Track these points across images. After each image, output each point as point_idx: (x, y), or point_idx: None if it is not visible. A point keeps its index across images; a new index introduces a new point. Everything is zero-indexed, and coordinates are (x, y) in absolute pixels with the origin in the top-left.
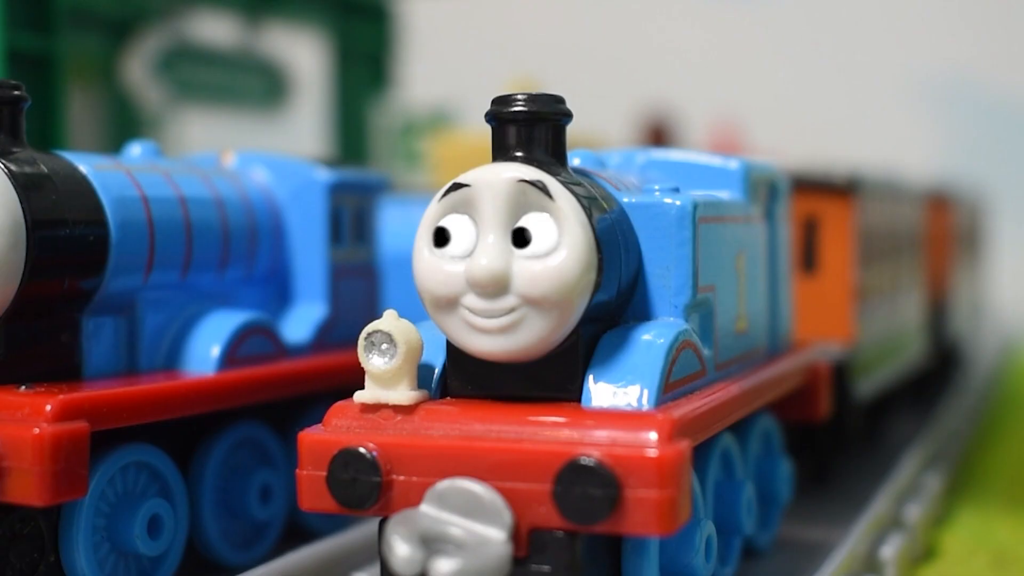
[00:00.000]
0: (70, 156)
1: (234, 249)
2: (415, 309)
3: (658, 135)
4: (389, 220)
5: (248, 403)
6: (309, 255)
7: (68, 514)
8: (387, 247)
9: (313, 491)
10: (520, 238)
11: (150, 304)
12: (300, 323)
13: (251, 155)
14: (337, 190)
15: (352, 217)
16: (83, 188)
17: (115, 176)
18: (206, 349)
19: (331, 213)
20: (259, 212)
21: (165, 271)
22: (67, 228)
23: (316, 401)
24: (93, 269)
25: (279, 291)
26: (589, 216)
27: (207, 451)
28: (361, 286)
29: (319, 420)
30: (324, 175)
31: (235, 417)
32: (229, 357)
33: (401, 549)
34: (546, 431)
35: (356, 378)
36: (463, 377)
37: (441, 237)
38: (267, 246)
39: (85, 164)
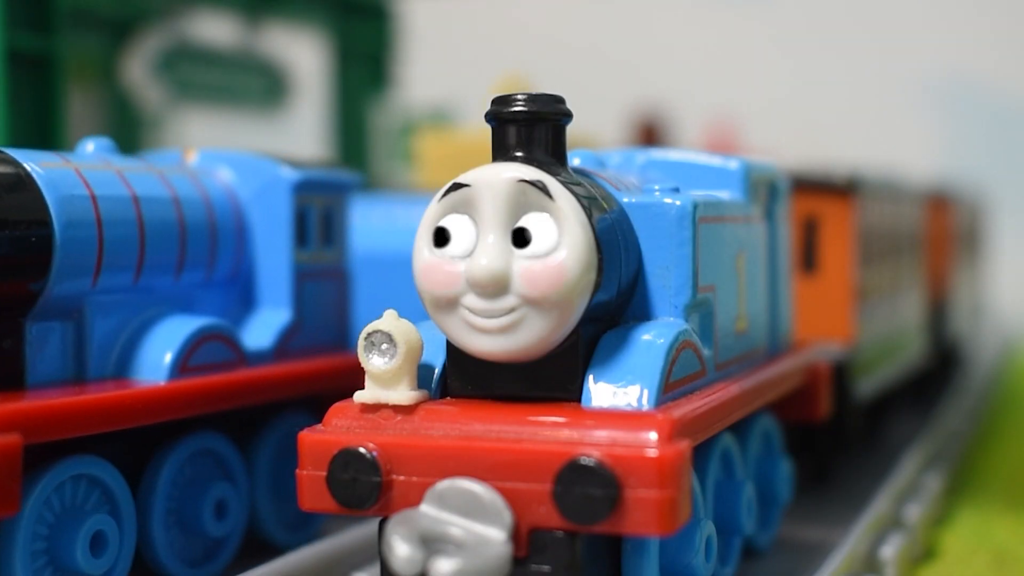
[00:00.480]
0: (14, 153)
1: (192, 251)
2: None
3: (650, 134)
4: (373, 220)
5: (202, 413)
6: (272, 257)
7: (4, 532)
8: (360, 246)
9: (313, 491)
10: (520, 238)
11: (99, 309)
12: (262, 329)
13: (213, 153)
14: (302, 189)
15: (319, 218)
16: (26, 186)
17: (62, 174)
18: (158, 356)
19: (296, 213)
20: (220, 212)
21: (116, 274)
22: (7, 228)
23: (279, 411)
24: (36, 271)
25: (242, 295)
26: (589, 216)
27: (159, 463)
28: (329, 290)
29: (281, 431)
30: (289, 174)
31: (192, 427)
32: (182, 365)
33: (401, 549)
34: (546, 431)
35: (321, 386)
36: (463, 377)
37: (441, 237)
38: (228, 248)
39: (30, 162)
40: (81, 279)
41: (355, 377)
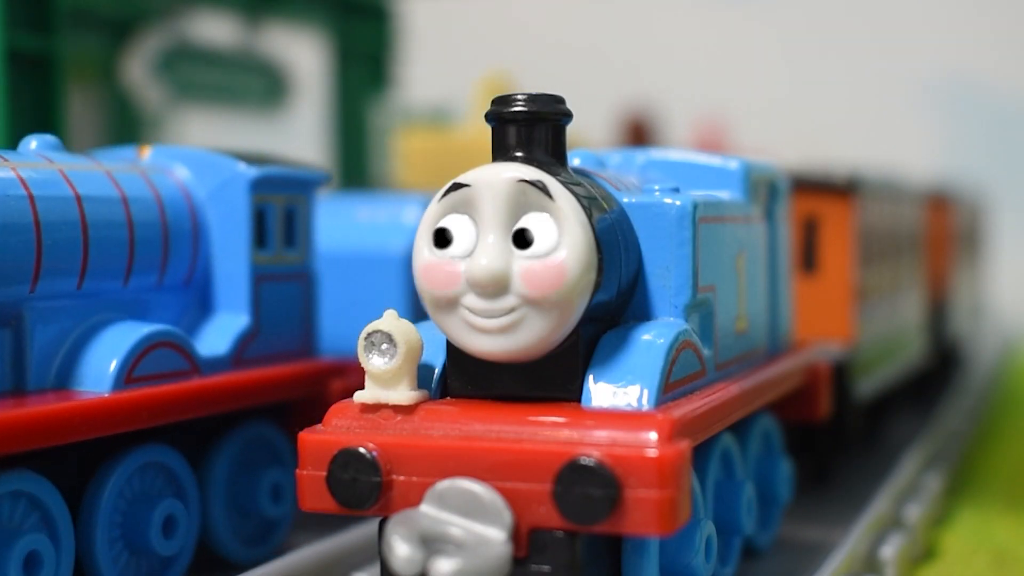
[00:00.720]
0: None
1: (142, 254)
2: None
3: (639, 133)
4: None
5: (148, 426)
6: (230, 259)
7: None
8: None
9: (313, 491)
10: (522, 239)
11: (39, 316)
12: (217, 335)
13: (168, 149)
14: (261, 187)
15: (280, 217)
16: None
17: None
18: (101, 366)
19: (254, 212)
20: (173, 212)
21: (57, 279)
22: None
23: (238, 421)
24: None
25: (198, 300)
26: (589, 216)
27: (102, 479)
28: (292, 293)
29: (240, 442)
30: (246, 171)
31: (142, 440)
32: (127, 375)
33: (401, 549)
34: (546, 431)
35: (283, 395)
36: (463, 377)
37: (443, 239)
38: (182, 250)
39: None
40: (18, 285)
41: (320, 384)
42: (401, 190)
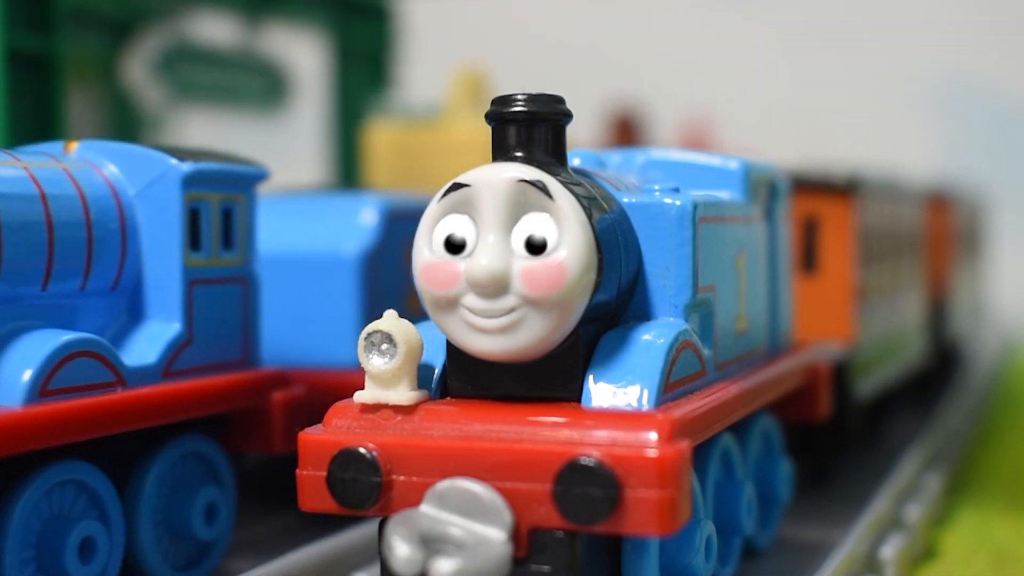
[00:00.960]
0: None
1: (63, 256)
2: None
3: (625, 130)
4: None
5: (64, 443)
6: (160, 262)
7: None
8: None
9: (313, 491)
10: (533, 246)
11: None
12: (146, 344)
13: (95, 144)
14: (195, 183)
15: (216, 216)
16: None
17: None
18: (12, 377)
19: (187, 211)
20: (99, 211)
21: None
22: None
23: (171, 436)
24: None
25: (128, 306)
26: (589, 216)
27: (11, 500)
28: (229, 299)
29: (171, 459)
30: (178, 166)
31: (57, 457)
32: (42, 387)
33: (401, 549)
34: (546, 431)
35: (219, 407)
36: (463, 377)
37: (452, 244)
38: (109, 252)
39: None
40: None
41: (260, 396)
42: (365, 190)
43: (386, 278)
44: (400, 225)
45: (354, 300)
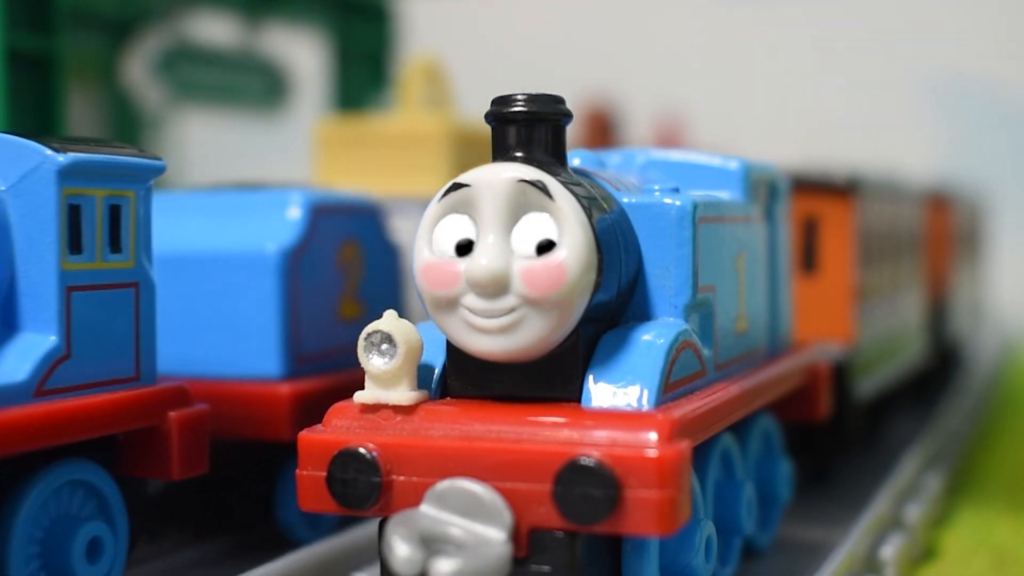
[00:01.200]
0: None
1: None
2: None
3: (601, 126)
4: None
5: None
6: (33, 267)
7: None
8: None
9: (313, 492)
10: (541, 246)
11: None
12: (15, 359)
13: None
14: (75, 177)
15: (101, 214)
16: None
17: None
18: None
19: (64, 209)
20: None
21: None
22: None
23: (50, 461)
24: None
25: (2, 316)
26: (589, 216)
27: None
28: (117, 307)
29: (50, 487)
30: (54, 158)
31: None
32: None
33: (401, 549)
34: (546, 431)
35: (106, 429)
36: (463, 377)
37: (460, 247)
38: None
39: None
40: None
41: (153, 415)
42: (295, 184)
43: (314, 279)
44: (333, 222)
45: (274, 303)
